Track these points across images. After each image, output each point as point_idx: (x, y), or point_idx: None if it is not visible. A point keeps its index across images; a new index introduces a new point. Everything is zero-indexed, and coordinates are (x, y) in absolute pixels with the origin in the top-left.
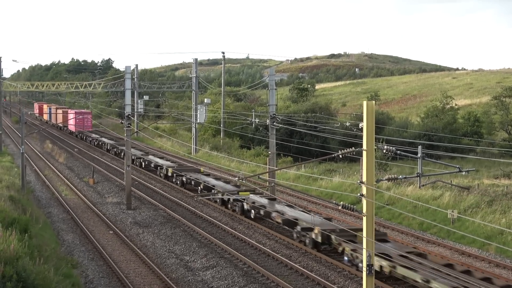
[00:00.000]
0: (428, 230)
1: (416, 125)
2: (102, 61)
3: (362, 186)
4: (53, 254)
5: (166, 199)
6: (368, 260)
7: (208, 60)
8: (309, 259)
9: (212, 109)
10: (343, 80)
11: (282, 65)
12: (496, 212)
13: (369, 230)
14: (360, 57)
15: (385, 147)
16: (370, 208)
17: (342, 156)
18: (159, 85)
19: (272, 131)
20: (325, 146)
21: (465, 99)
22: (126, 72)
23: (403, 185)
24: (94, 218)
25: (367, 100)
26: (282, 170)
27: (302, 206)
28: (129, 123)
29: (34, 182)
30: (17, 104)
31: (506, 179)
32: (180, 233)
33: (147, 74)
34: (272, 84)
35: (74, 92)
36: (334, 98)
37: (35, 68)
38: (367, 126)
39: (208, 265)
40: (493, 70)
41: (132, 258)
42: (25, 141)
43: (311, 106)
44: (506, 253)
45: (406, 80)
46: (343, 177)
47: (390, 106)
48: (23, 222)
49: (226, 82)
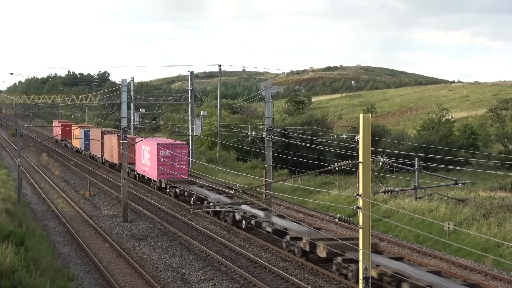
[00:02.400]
0: (424, 242)
1: (412, 138)
2: (98, 74)
3: (359, 198)
4: (49, 267)
5: (162, 212)
6: (364, 273)
7: (205, 73)
8: (305, 271)
9: (208, 122)
10: (339, 93)
11: (278, 78)
12: (492, 225)
13: (366, 243)
14: (356, 69)
15: (381, 160)
16: (367, 221)
17: (338, 168)
18: (156, 97)
19: (268, 143)
20: (321, 159)
21: (461, 112)
22: (122, 85)
23: (399, 197)
24: (90, 231)
25: (363, 113)
26: (279, 183)
27: (298, 218)
28: (125, 136)
29: (30, 195)
30: (14, 116)
31: (502, 191)
32: (176, 245)
33: (143, 87)
34: (269, 96)
35: (70, 105)
36: (330, 110)
37: (32, 81)
38: (363, 138)
39: (205, 278)
40: (489, 83)
41: (128, 271)
42: (21, 154)
43: (308, 119)
44: (502, 266)
45: (402, 93)
46: (340, 190)
47: (386, 118)
48: (19, 235)
49: (223, 95)
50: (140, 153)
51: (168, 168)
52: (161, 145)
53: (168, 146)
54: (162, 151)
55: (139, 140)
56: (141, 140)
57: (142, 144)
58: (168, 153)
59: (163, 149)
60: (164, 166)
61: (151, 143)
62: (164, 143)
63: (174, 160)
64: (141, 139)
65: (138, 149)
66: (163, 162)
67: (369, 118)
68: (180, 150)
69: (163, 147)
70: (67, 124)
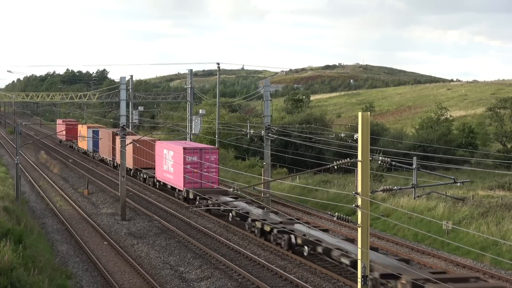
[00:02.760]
0: (422, 241)
1: (411, 136)
2: (97, 72)
3: (357, 197)
4: (47, 265)
5: (160, 210)
6: (363, 271)
7: (203, 71)
8: (304, 270)
9: (207, 120)
10: (338, 91)
11: (277, 76)
12: (490, 223)
13: (364, 241)
14: (355, 68)
15: (380, 158)
16: (365, 219)
17: (337, 167)
18: (154, 96)
19: (267, 142)
20: (320, 157)
21: (460, 111)
22: (121, 83)
23: (398, 196)
24: (89, 229)
25: (362, 111)
26: (277, 181)
27: (297, 217)
28: (124, 134)
29: (29, 192)
30: (12, 114)
31: (500, 190)
32: (174, 244)
33: (142, 85)
34: (267, 95)
35: (69, 103)
36: (329, 109)
37: (30, 79)
38: (362, 137)
39: (203, 276)
40: (488, 82)
41: (126, 269)
42: (20, 151)
43: (306, 117)
44: (500, 264)
45: (401, 92)
46: (338, 188)
47: (385, 117)
48: (17, 232)
49: (221, 93)
50: (161, 157)
51: (195, 176)
52: (188, 149)
53: (196, 151)
54: (189, 157)
55: (160, 143)
56: (161, 142)
57: (164, 147)
58: (195, 159)
59: (190, 155)
60: (191, 174)
61: (176, 147)
62: (191, 147)
63: (203, 167)
64: (162, 142)
65: (158, 153)
66: (190, 169)
67: (367, 117)
68: (209, 156)
69: (190, 152)
70: (72, 123)
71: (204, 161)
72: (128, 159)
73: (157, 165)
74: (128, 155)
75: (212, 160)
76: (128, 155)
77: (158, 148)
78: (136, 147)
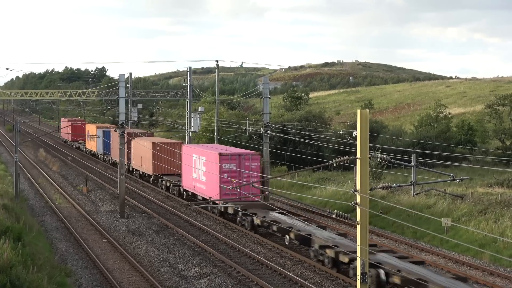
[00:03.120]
0: (422, 238)
1: (410, 134)
2: (95, 70)
3: (356, 194)
4: (46, 262)
5: (159, 207)
6: (362, 269)
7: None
8: (303, 267)
9: (206, 118)
10: (337, 89)
11: (276, 74)
12: (489, 221)
13: (363, 239)
14: (353, 65)
15: (379, 156)
16: (364, 217)
17: (336, 164)
18: (153, 93)
19: (266, 139)
20: (319, 155)
21: (459, 108)
22: (120, 81)
23: (397, 193)
24: (88, 227)
25: (361, 109)
26: (276, 179)
27: (295, 214)
28: (122, 131)
29: (28, 190)
30: (11, 112)
31: (499, 187)
32: (173, 241)
33: (141, 82)
34: (266, 92)
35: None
36: (328, 106)
37: (29, 77)
38: (361, 134)
39: (202, 273)
40: (487, 79)
41: (125, 266)
42: (19, 149)
43: (305, 115)
44: (499, 261)
45: (399, 89)
46: (337, 186)
47: (384, 114)
48: (16, 230)
49: (220, 90)
50: (189, 163)
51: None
52: (224, 155)
53: (234, 157)
54: (226, 164)
55: (188, 148)
56: (189, 146)
57: (193, 152)
58: (234, 166)
59: (227, 162)
60: (228, 184)
61: (208, 152)
62: (228, 153)
63: (242, 176)
64: (190, 146)
65: (186, 159)
66: (227, 178)
67: (366, 114)
68: (249, 163)
69: (227, 158)
70: (78, 122)
71: (244, 169)
72: (146, 164)
73: (184, 171)
74: (146, 159)
75: (253, 168)
76: (147, 159)
77: (186, 152)
78: (156, 150)
